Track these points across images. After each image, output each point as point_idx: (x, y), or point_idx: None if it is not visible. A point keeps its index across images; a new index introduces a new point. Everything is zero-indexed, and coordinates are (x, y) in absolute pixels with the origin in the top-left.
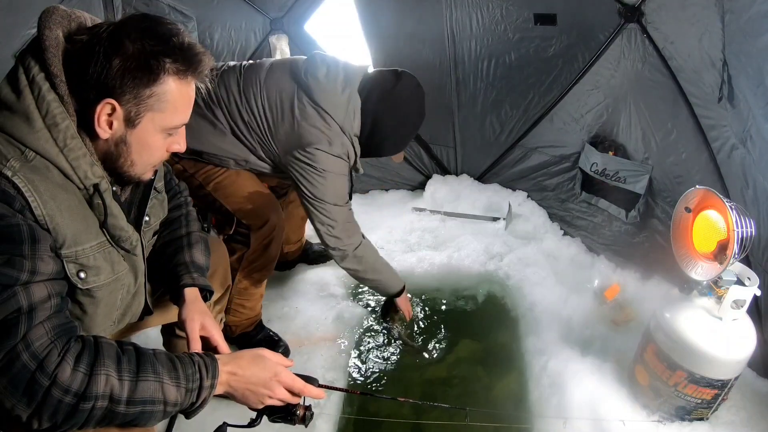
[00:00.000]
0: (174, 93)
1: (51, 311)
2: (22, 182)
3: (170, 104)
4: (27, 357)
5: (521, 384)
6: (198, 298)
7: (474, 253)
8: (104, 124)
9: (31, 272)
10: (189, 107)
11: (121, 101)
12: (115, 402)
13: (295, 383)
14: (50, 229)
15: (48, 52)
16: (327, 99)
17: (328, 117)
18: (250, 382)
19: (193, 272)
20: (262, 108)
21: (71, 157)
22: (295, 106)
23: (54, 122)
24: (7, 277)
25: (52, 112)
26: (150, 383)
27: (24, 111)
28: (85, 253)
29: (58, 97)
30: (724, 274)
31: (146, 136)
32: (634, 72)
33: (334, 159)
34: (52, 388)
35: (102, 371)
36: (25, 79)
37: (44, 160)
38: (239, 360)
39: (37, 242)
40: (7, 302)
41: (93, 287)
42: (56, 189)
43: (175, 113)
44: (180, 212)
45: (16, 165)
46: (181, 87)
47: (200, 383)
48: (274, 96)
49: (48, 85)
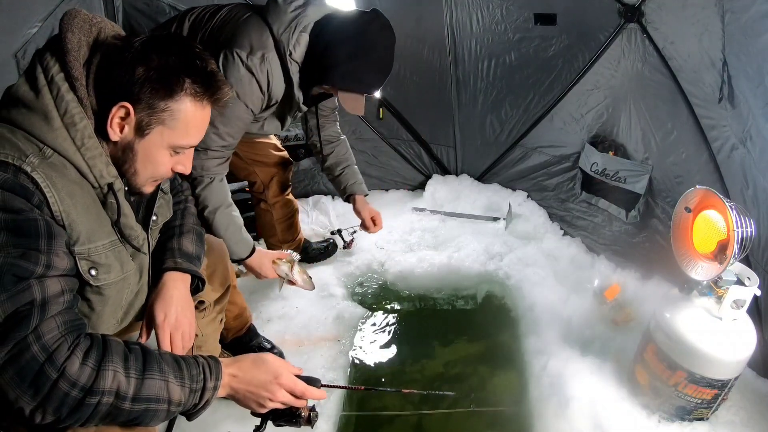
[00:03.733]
0: (188, 113)
1: (63, 306)
2: (41, 178)
3: (182, 123)
4: (37, 348)
5: (521, 384)
6: (178, 284)
7: (474, 253)
8: (116, 126)
9: (46, 266)
10: (201, 132)
11: (136, 108)
12: (120, 398)
13: (297, 386)
14: (66, 225)
15: (70, 54)
16: (274, 13)
17: (265, 28)
18: (251, 384)
19: (177, 257)
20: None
21: (88, 156)
22: (243, 16)
23: (72, 121)
24: (22, 269)
25: (70, 112)
26: (156, 381)
27: (43, 110)
28: (97, 251)
29: (77, 98)
30: (724, 274)
31: (153, 148)
32: (634, 72)
33: (244, 73)
34: (60, 381)
35: (110, 367)
36: (43, 78)
37: (61, 158)
38: (241, 362)
39: (54, 238)
40: (22, 294)
41: (103, 285)
42: (73, 186)
43: (185, 133)
44: (178, 206)
45: (35, 161)
46: (196, 110)
47: (204, 384)
48: (231, 16)
49: (67, 86)
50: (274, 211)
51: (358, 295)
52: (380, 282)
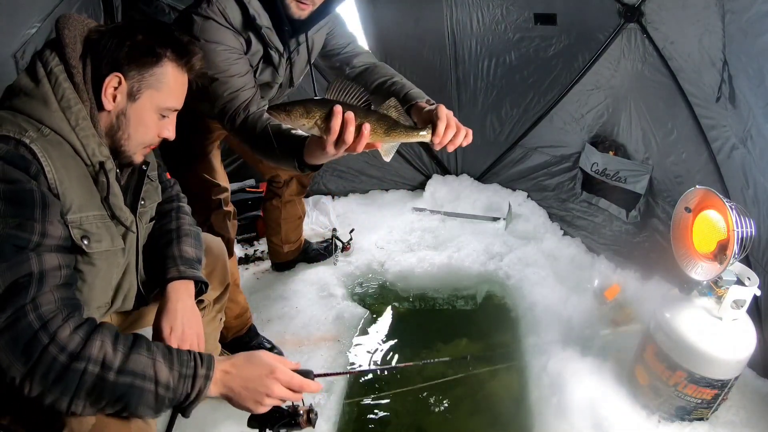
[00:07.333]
0: (170, 76)
1: (60, 281)
2: (38, 149)
3: (166, 85)
4: (33, 317)
5: (521, 384)
6: (182, 295)
7: (474, 253)
8: (110, 96)
9: (41, 234)
10: (182, 94)
11: (127, 76)
12: (106, 369)
13: (293, 380)
14: (59, 194)
15: (68, 48)
16: None
17: None
18: (246, 379)
19: (180, 265)
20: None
21: (81, 135)
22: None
23: (68, 105)
24: (20, 239)
25: (66, 97)
26: (143, 358)
27: (42, 96)
28: (88, 220)
29: (73, 85)
30: (724, 274)
31: (143, 111)
32: (634, 72)
33: (209, 24)
34: (50, 346)
35: (98, 338)
36: (43, 70)
37: (58, 137)
38: (234, 359)
39: (48, 207)
40: (21, 265)
41: (95, 253)
42: (67, 159)
43: (170, 94)
44: (171, 206)
45: (34, 136)
46: (177, 74)
47: (195, 371)
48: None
49: (65, 75)
50: (283, 209)
51: (358, 295)
52: (380, 282)
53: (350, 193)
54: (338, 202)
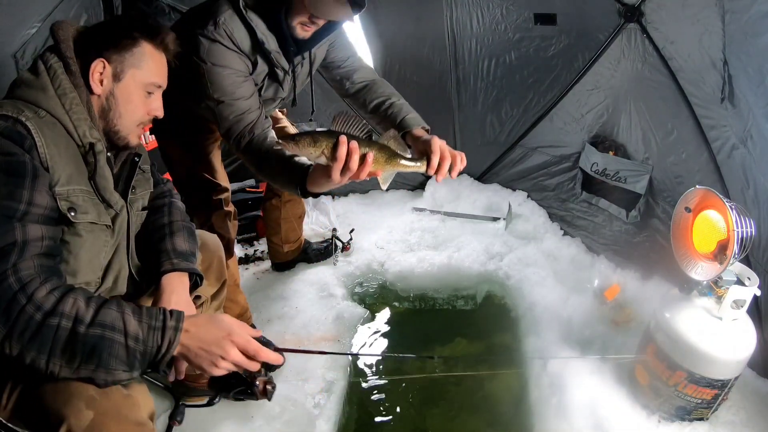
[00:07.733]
0: (148, 54)
1: (41, 250)
2: (32, 126)
3: (146, 63)
4: (13, 280)
5: (521, 384)
6: (176, 287)
7: (474, 253)
8: (96, 80)
9: (28, 203)
10: (162, 71)
11: (110, 60)
12: (78, 322)
13: (249, 344)
14: (49, 166)
15: (62, 43)
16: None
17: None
18: (202, 340)
19: (173, 258)
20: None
21: (74, 118)
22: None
23: (63, 92)
24: (9, 209)
25: (62, 85)
26: (112, 311)
27: (41, 85)
28: (75, 193)
29: (69, 75)
30: (724, 274)
31: (129, 89)
32: (634, 72)
33: (216, 47)
34: (27, 306)
35: (71, 296)
36: (43, 66)
37: (53, 119)
38: (196, 318)
39: (37, 178)
40: (6, 234)
41: (80, 224)
42: (59, 138)
43: (150, 71)
44: (163, 201)
45: (30, 115)
46: (153, 52)
47: (164, 323)
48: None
49: (62, 69)
50: (283, 208)
51: (358, 295)
52: (380, 282)
53: (350, 193)
54: (338, 202)
